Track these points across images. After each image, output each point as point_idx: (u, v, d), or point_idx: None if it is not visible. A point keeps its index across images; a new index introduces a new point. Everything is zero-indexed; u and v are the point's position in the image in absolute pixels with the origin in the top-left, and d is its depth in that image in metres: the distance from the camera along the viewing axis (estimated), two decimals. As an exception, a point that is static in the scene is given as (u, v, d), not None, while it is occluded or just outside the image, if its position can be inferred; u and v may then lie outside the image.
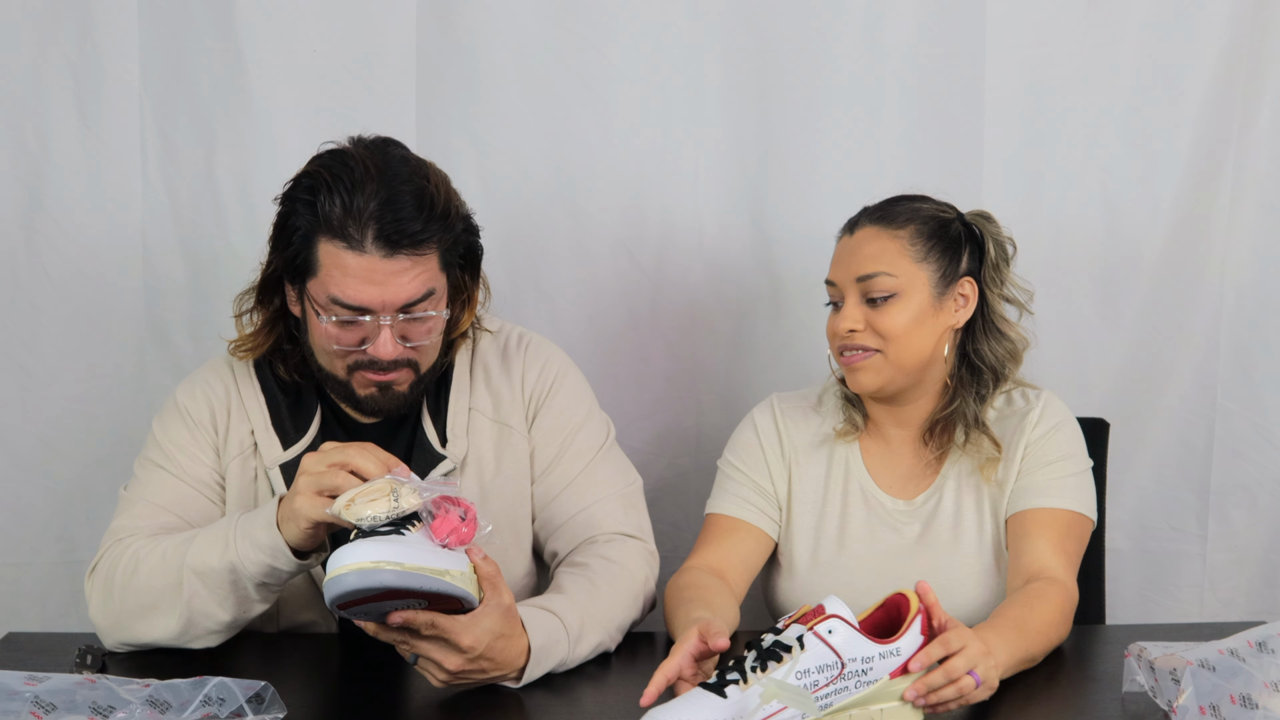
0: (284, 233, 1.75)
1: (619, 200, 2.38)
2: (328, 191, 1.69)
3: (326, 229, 1.69)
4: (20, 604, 2.39)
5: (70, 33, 2.29)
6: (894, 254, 1.87)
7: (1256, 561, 2.47)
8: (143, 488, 1.84)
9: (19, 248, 2.33)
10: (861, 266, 1.88)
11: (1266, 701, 1.44)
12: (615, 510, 1.87)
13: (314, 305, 1.74)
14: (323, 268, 1.71)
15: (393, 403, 1.79)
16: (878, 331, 1.87)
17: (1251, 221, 2.39)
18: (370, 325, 1.72)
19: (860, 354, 1.88)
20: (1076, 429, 1.93)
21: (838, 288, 1.91)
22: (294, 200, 1.74)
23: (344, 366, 1.77)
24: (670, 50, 2.34)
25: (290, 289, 1.81)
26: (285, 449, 1.84)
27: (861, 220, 1.92)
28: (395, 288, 1.70)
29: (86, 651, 1.70)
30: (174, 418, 1.87)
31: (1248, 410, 2.43)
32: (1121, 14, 2.34)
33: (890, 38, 2.35)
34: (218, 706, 1.49)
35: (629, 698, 1.52)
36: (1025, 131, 2.37)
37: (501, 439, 1.88)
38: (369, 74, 2.32)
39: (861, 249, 1.89)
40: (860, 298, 1.88)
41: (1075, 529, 1.86)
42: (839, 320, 1.89)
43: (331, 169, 1.71)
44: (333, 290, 1.71)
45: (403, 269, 1.70)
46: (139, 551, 1.72)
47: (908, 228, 1.89)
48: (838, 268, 1.92)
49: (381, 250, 1.68)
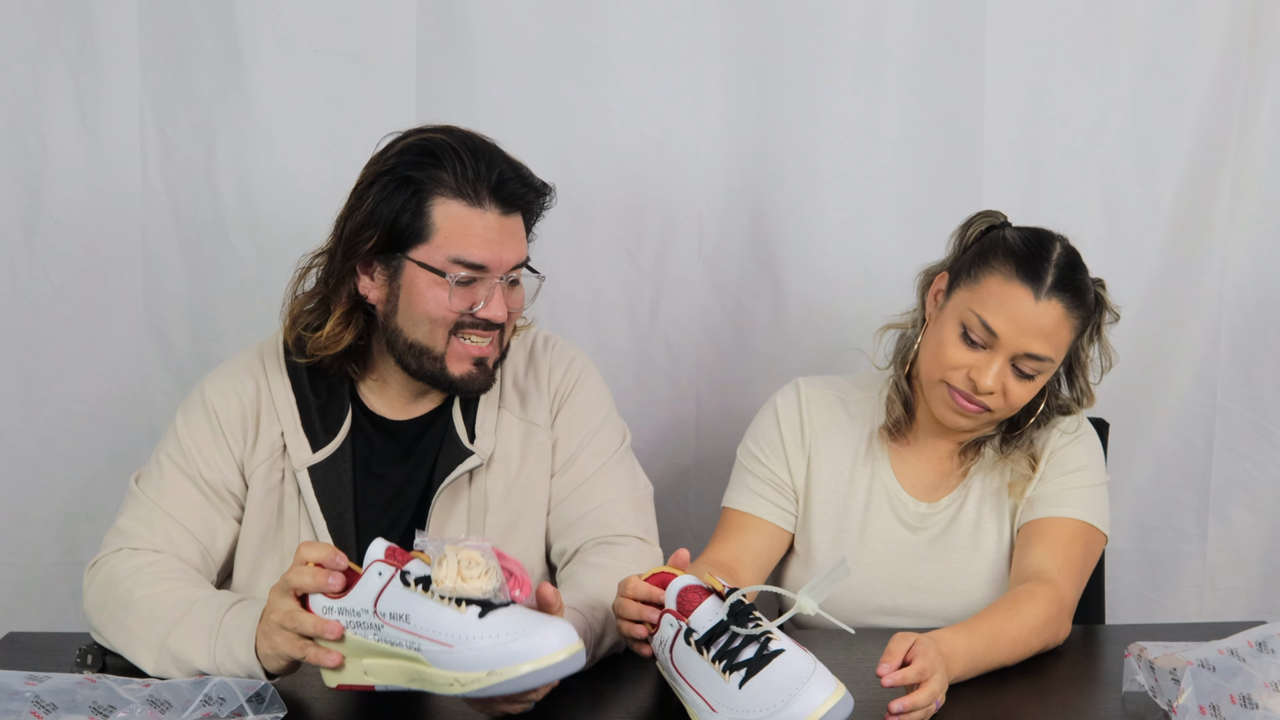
0: (388, 203, 1.76)
1: (619, 200, 2.38)
2: (451, 156, 1.76)
3: (449, 190, 1.76)
4: (20, 604, 2.40)
5: (70, 33, 2.29)
6: (1064, 339, 1.81)
7: (1256, 561, 2.48)
8: (156, 489, 1.82)
9: (19, 248, 2.33)
10: (1037, 345, 1.78)
11: (1266, 701, 1.44)
12: (626, 513, 1.88)
13: (430, 269, 1.77)
14: (440, 231, 1.76)
15: (483, 381, 1.83)
16: (1006, 399, 1.81)
17: (1251, 221, 2.39)
18: (481, 288, 1.78)
19: (976, 409, 1.82)
20: (1097, 442, 1.94)
21: (996, 338, 1.78)
22: (397, 172, 1.77)
23: (446, 336, 1.79)
24: (670, 50, 2.34)
25: (369, 270, 1.81)
26: (315, 450, 1.83)
27: (1053, 290, 1.79)
28: (509, 248, 1.79)
29: (87, 651, 1.70)
30: (199, 414, 1.85)
31: (1248, 410, 2.43)
32: (1121, 13, 2.34)
33: (890, 37, 2.35)
34: (218, 706, 1.49)
35: (636, 695, 1.52)
36: (1025, 131, 2.37)
37: (528, 437, 1.89)
38: (369, 74, 2.32)
39: (1044, 322, 1.78)
40: (1010, 362, 1.80)
41: (1082, 538, 1.86)
42: (980, 374, 1.79)
43: (440, 141, 1.77)
44: (454, 250, 1.76)
45: (514, 230, 1.80)
46: (134, 589, 1.70)
47: (1082, 316, 1.82)
48: (1009, 325, 1.77)
49: (499, 208, 1.77)
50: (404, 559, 1.45)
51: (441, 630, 1.38)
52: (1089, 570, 1.88)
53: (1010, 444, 1.91)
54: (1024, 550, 1.86)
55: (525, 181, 1.80)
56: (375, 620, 1.42)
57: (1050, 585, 1.78)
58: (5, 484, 2.37)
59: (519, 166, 1.81)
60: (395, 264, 1.78)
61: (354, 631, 1.44)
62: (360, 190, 1.79)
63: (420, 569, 1.43)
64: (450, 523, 1.84)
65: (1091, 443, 1.93)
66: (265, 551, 1.83)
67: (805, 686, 1.41)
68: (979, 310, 1.79)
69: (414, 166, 1.76)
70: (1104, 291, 1.89)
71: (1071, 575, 1.82)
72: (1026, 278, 1.79)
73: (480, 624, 1.37)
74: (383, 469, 1.86)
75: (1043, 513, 1.87)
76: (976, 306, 1.80)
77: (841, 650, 1.79)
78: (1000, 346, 1.79)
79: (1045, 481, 1.89)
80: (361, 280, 1.81)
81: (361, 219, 1.78)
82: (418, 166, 1.76)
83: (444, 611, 1.39)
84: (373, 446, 1.87)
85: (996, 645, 1.68)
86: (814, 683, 1.41)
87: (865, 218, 2.39)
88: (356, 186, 1.80)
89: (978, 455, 1.94)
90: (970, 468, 1.94)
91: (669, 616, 1.51)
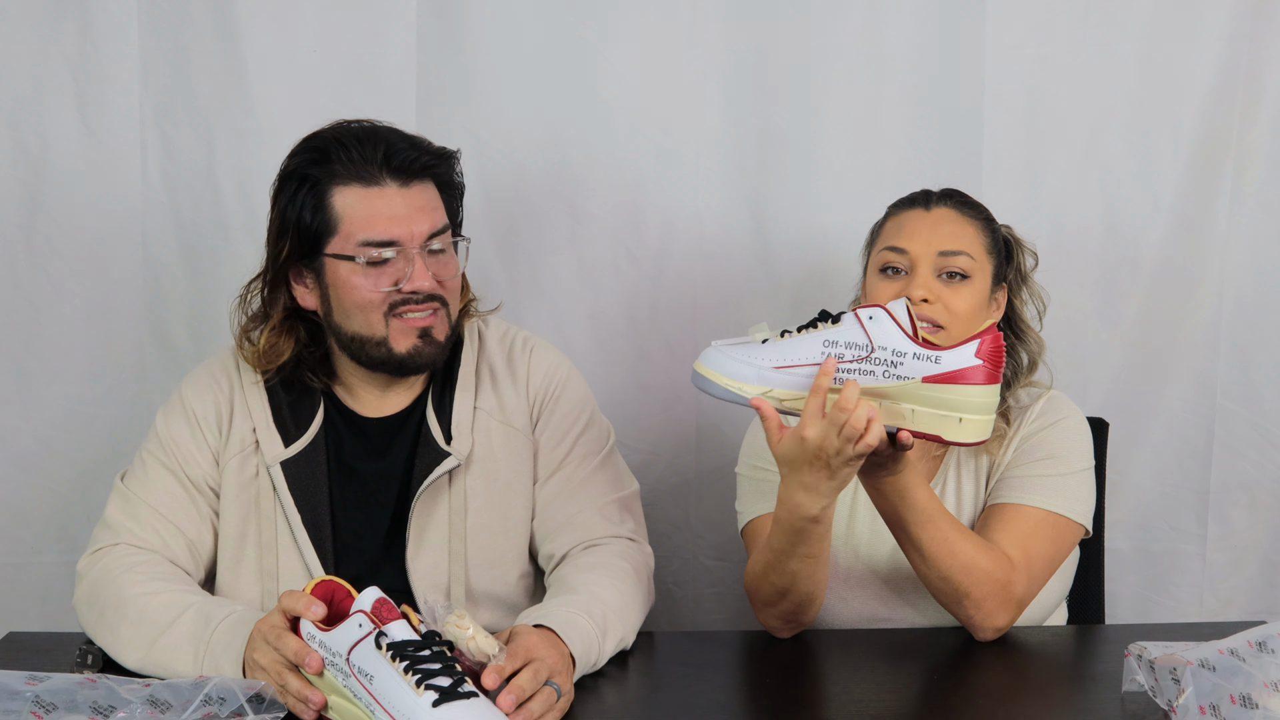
0: (292, 206, 1.81)
1: (619, 200, 2.38)
2: (336, 147, 1.80)
3: (342, 178, 1.79)
4: (20, 604, 2.40)
5: (70, 33, 2.29)
6: (971, 238, 1.88)
7: (1256, 561, 2.47)
8: (142, 485, 1.85)
9: (19, 248, 2.33)
10: (945, 241, 1.86)
11: (1266, 701, 1.44)
12: (614, 514, 1.88)
13: (343, 258, 1.79)
14: (344, 219, 1.79)
15: (432, 352, 1.83)
16: (948, 308, 1.84)
17: (1251, 221, 2.39)
18: (401, 264, 1.79)
19: (927, 327, 1.83)
20: (1077, 430, 1.90)
21: (908, 256, 1.86)
22: (295, 174, 1.82)
23: (382, 317, 1.80)
24: (670, 50, 2.34)
25: (300, 279, 1.85)
26: (286, 446, 1.85)
27: (936, 199, 1.91)
28: (418, 219, 1.80)
29: (87, 651, 1.70)
30: (178, 413, 1.89)
31: (1248, 410, 2.43)
32: (1121, 14, 2.34)
33: (890, 37, 2.35)
34: (218, 706, 1.49)
35: (642, 696, 1.52)
36: (1025, 131, 2.37)
37: (508, 440, 1.89)
38: (369, 74, 2.32)
39: (943, 225, 1.88)
40: (935, 271, 1.86)
41: (1046, 529, 1.82)
42: (912, 286, 1.85)
43: (325, 136, 1.82)
44: (359, 233, 1.79)
45: (421, 200, 1.81)
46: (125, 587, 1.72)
47: (979, 219, 1.91)
48: (912, 238, 1.87)
49: (397, 181, 1.80)
50: (389, 616, 1.45)
51: (394, 704, 1.40)
52: (1055, 564, 1.83)
53: None
54: (982, 532, 1.82)
55: (418, 147, 1.82)
56: (345, 667, 1.45)
57: (1007, 560, 1.75)
58: (5, 484, 2.38)
59: (412, 138, 1.83)
60: (318, 265, 1.82)
61: (329, 670, 1.47)
62: (272, 204, 1.85)
63: (401, 632, 1.43)
64: (431, 525, 1.85)
65: (1069, 430, 1.89)
66: (244, 548, 1.84)
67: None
68: (886, 244, 1.89)
69: (307, 165, 1.81)
70: (1014, 233, 1.98)
71: (1029, 568, 1.78)
72: (912, 202, 1.93)
73: (430, 713, 1.38)
74: (357, 465, 1.88)
75: (1006, 498, 1.84)
76: (882, 244, 1.90)
77: (841, 650, 1.79)
78: (917, 260, 1.86)
79: (1013, 467, 1.86)
80: (297, 290, 1.86)
81: (276, 229, 1.84)
82: (310, 164, 1.81)
83: (404, 687, 1.40)
84: (346, 443, 1.88)
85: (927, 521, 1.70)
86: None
87: (865, 217, 2.38)
88: (271, 205, 1.85)
89: None
90: (947, 452, 1.91)
91: (361, 616, 1.45)
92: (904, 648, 1.77)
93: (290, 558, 1.83)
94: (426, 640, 1.44)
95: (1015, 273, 1.97)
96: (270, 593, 1.82)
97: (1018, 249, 1.98)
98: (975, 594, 1.73)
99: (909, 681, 1.69)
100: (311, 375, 1.88)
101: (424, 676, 1.40)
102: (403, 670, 1.40)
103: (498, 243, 2.35)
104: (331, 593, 1.54)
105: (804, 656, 1.78)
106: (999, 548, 1.77)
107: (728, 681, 1.72)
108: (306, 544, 1.83)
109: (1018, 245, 1.98)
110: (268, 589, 1.83)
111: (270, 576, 1.83)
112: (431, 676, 1.40)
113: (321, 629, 1.48)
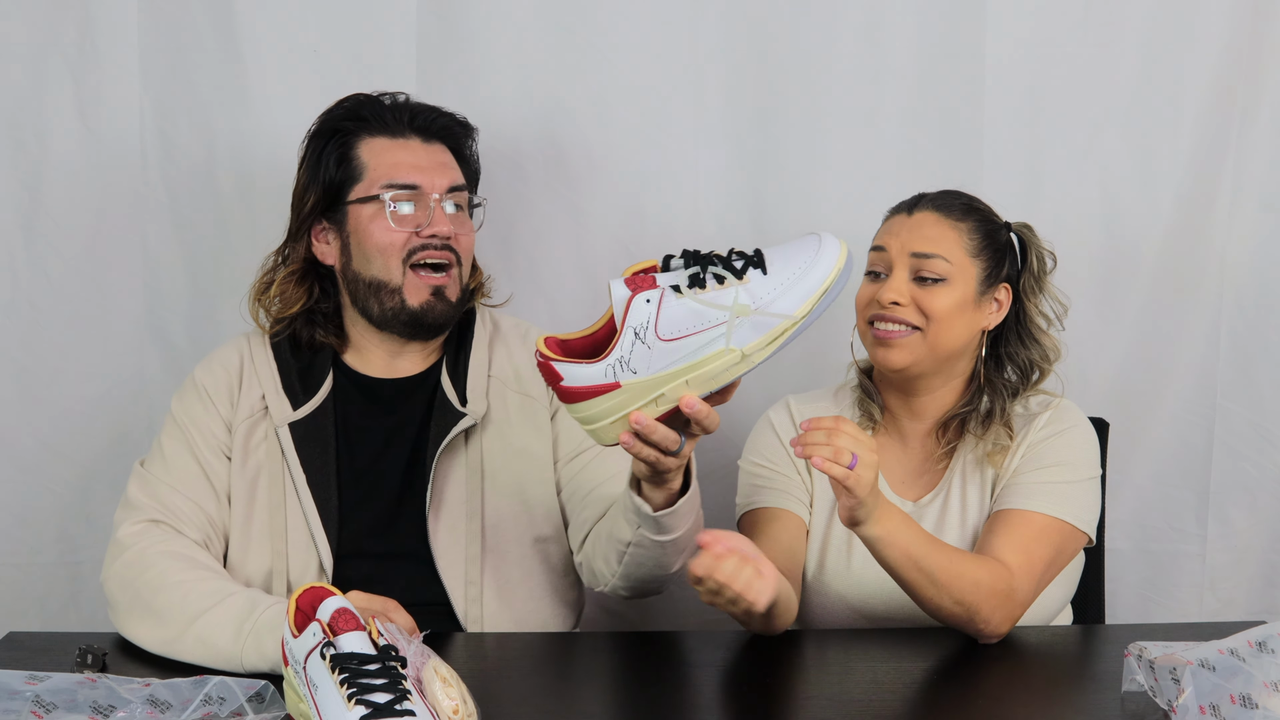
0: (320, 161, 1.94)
1: (619, 198, 2.38)
2: (365, 104, 1.96)
3: (371, 130, 1.94)
4: (20, 604, 2.39)
5: (70, 33, 2.29)
6: (952, 241, 1.89)
7: (1256, 561, 2.47)
8: (161, 466, 1.90)
9: (19, 248, 2.33)
10: (919, 244, 1.89)
11: (1266, 701, 1.44)
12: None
13: (367, 200, 1.91)
14: (370, 166, 1.92)
15: (444, 309, 1.92)
16: (922, 309, 1.87)
17: (1251, 221, 2.39)
18: (420, 214, 1.91)
19: (898, 330, 1.87)
20: (1085, 438, 1.91)
21: (886, 255, 1.90)
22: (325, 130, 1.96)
23: (400, 264, 1.89)
24: (670, 49, 2.34)
25: (322, 235, 1.95)
26: (295, 409, 1.91)
27: (922, 203, 1.94)
28: (439, 172, 1.94)
29: (87, 651, 1.70)
30: (191, 392, 1.95)
31: (1248, 410, 2.43)
32: (1121, 14, 2.34)
33: (890, 37, 2.35)
34: (218, 706, 1.49)
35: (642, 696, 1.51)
36: (1025, 131, 2.37)
37: (524, 407, 1.95)
38: (369, 74, 2.31)
39: (921, 228, 1.90)
40: (910, 273, 1.88)
41: (1050, 535, 1.82)
42: (882, 289, 1.88)
43: (354, 99, 1.98)
44: (385, 177, 1.91)
45: (441, 157, 1.96)
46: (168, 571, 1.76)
47: (966, 221, 1.91)
48: (891, 238, 1.91)
49: (420, 137, 1.96)
50: (346, 626, 1.43)
51: (329, 716, 1.39)
52: (1056, 570, 1.84)
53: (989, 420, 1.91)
54: (986, 537, 1.83)
55: (440, 112, 1.99)
56: (303, 675, 1.44)
57: (1004, 569, 1.76)
58: (5, 484, 2.37)
59: (435, 107, 2.00)
60: (340, 215, 1.93)
61: (294, 675, 1.46)
62: (300, 164, 1.98)
63: (353, 644, 1.41)
64: (449, 487, 1.89)
65: (1077, 438, 1.90)
66: (253, 509, 1.88)
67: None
68: (871, 245, 1.94)
69: (336, 120, 1.96)
70: (1030, 235, 1.97)
71: (1030, 572, 1.79)
72: (899, 208, 1.97)
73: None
74: (365, 427, 1.92)
75: (1011, 504, 1.84)
76: (870, 246, 1.95)
77: (841, 650, 1.79)
78: (893, 261, 1.89)
79: (1019, 474, 1.87)
80: (317, 248, 1.96)
81: (302, 185, 1.96)
82: (339, 119, 1.96)
83: (338, 700, 1.39)
84: (355, 406, 1.93)
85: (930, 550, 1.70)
86: None
87: (865, 217, 2.38)
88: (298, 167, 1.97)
89: (956, 439, 1.93)
90: (950, 455, 1.93)
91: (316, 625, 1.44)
92: (904, 648, 1.78)
93: (297, 518, 1.87)
94: (381, 655, 1.41)
95: (1027, 274, 1.96)
96: (279, 553, 1.86)
97: (1031, 250, 1.97)
98: (985, 609, 1.74)
99: (909, 681, 1.69)
100: (322, 332, 1.95)
101: (360, 691, 1.37)
102: (339, 683, 1.39)
103: (498, 242, 2.35)
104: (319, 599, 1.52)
105: (803, 656, 1.78)
106: (992, 555, 1.78)
107: (727, 681, 1.72)
108: (310, 505, 1.86)
109: (1031, 246, 1.97)
110: (276, 549, 1.86)
111: (280, 537, 1.87)
112: (369, 692, 1.37)
113: (294, 634, 1.48)
